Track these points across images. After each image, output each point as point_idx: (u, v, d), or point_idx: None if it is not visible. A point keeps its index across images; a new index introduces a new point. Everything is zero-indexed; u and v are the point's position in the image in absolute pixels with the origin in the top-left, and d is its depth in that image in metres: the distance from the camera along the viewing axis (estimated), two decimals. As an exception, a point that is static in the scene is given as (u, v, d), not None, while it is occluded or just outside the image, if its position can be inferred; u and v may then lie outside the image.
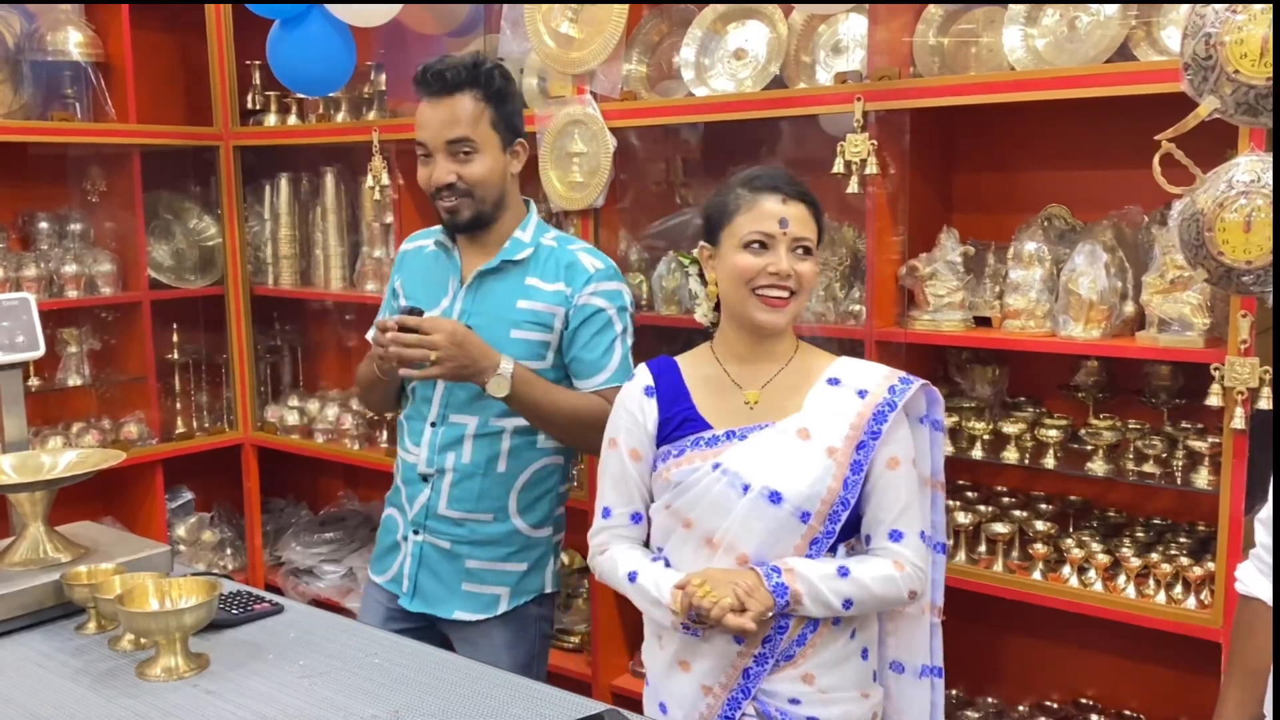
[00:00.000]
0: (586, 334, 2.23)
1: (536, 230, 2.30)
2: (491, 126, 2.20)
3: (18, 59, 3.52)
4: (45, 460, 2.27)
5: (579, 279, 2.24)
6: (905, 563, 1.82)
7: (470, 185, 2.19)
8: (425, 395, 2.29)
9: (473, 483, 2.26)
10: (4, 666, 1.90)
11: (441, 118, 2.18)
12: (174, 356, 3.85)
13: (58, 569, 2.11)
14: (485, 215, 2.23)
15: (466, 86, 2.17)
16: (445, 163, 2.19)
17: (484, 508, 2.27)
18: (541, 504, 2.33)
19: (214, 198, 3.99)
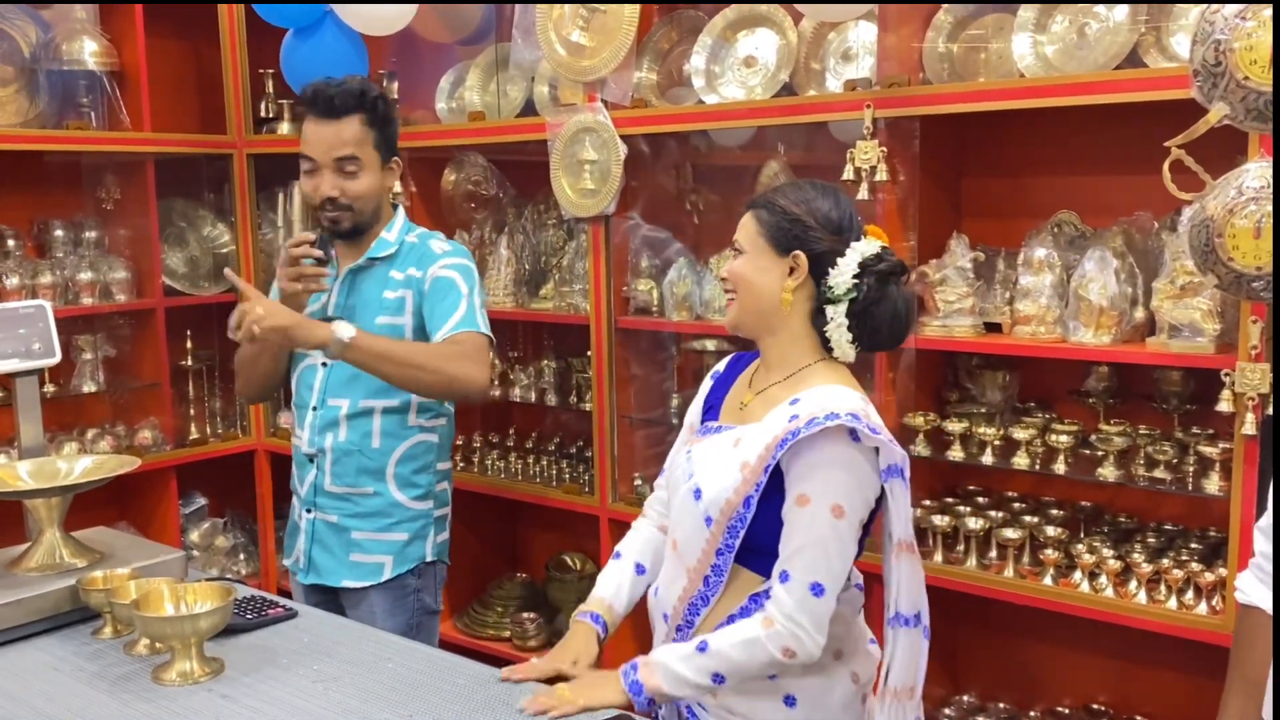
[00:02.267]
0: (435, 299, 2.44)
1: (402, 230, 2.53)
2: (374, 147, 2.43)
3: (33, 68, 3.55)
4: (61, 466, 2.29)
5: (428, 260, 2.47)
6: (775, 618, 1.67)
7: (352, 200, 2.42)
8: (308, 382, 2.52)
9: (351, 459, 2.47)
10: (21, 671, 1.92)
11: (331, 137, 2.39)
12: (188, 363, 3.87)
13: (74, 574, 2.13)
14: (364, 225, 2.47)
15: (355, 111, 2.39)
16: (331, 178, 2.40)
17: (363, 482, 2.48)
18: (419, 478, 2.52)
19: (227, 205, 4.01)
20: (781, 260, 1.79)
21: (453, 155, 3.50)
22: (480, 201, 3.59)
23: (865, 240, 1.80)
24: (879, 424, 1.72)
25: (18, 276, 3.44)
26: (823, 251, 1.77)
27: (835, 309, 1.77)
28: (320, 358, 2.47)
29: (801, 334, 1.81)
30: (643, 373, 3.06)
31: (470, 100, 3.35)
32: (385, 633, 2.16)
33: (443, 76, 3.48)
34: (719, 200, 3.11)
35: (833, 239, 1.78)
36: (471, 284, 2.46)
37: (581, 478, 3.22)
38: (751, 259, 1.81)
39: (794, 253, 1.78)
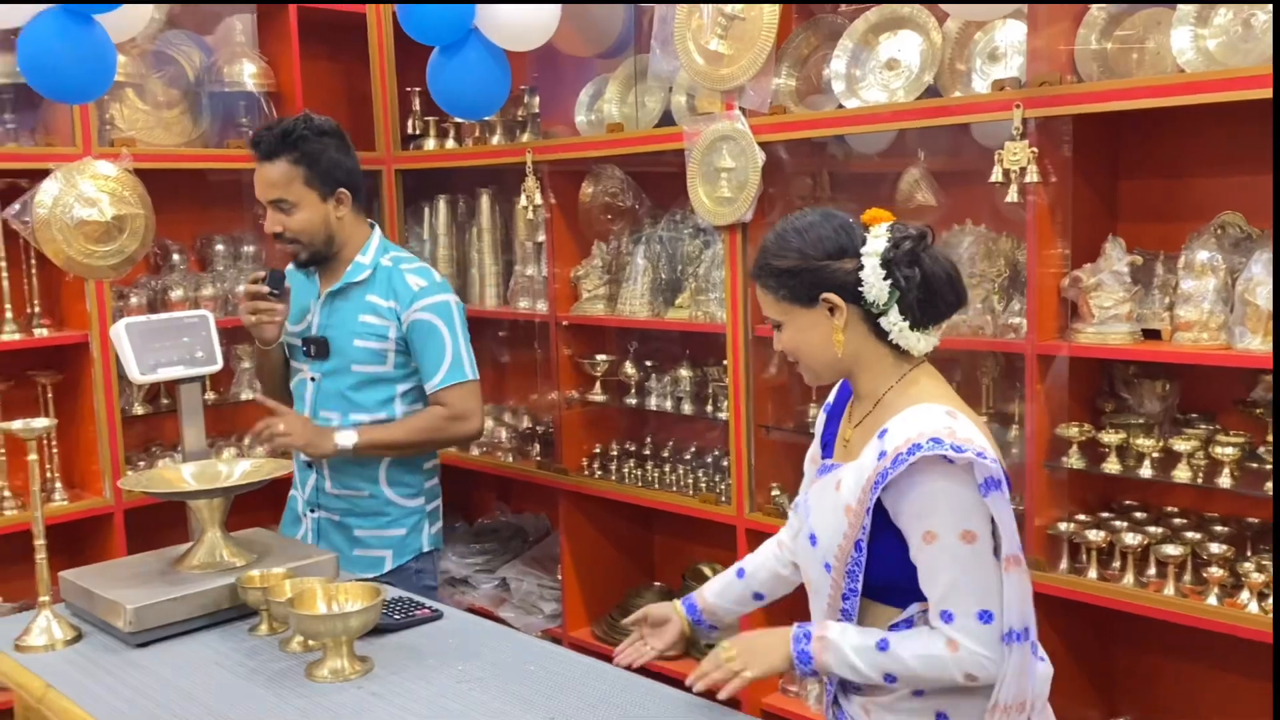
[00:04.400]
0: (419, 344, 2.61)
1: (377, 252, 2.67)
2: (305, 184, 2.57)
3: (197, 91, 3.74)
4: (222, 469, 2.39)
5: (405, 297, 2.61)
6: (960, 646, 1.60)
7: (295, 234, 2.59)
8: (301, 395, 2.71)
9: (347, 465, 2.66)
10: (184, 664, 2.01)
11: (264, 179, 2.58)
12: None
13: (233, 572, 2.21)
14: (321, 253, 2.62)
15: (279, 153, 2.55)
16: (273, 215, 2.59)
17: (359, 485, 2.68)
18: (410, 479, 2.71)
19: (376, 220, 4.13)
20: (815, 310, 1.72)
21: (590, 168, 3.54)
22: (617, 213, 3.62)
23: (871, 236, 1.70)
24: (968, 437, 1.60)
25: (182, 289, 3.62)
26: (844, 279, 1.69)
27: (889, 317, 1.69)
28: (310, 373, 2.68)
29: (874, 358, 1.73)
30: (780, 382, 3.03)
31: (609, 112, 3.39)
32: (529, 636, 2.19)
33: (582, 90, 3.52)
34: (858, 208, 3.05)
35: (843, 262, 1.69)
36: (453, 324, 2.62)
37: (718, 487, 3.21)
38: (791, 326, 1.75)
39: (822, 297, 1.70)
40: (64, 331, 3.36)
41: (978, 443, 1.61)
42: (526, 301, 3.74)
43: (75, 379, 3.40)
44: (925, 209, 2.85)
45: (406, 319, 2.60)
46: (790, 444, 2.97)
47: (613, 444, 3.60)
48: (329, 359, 2.64)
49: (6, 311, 3.29)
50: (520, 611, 3.77)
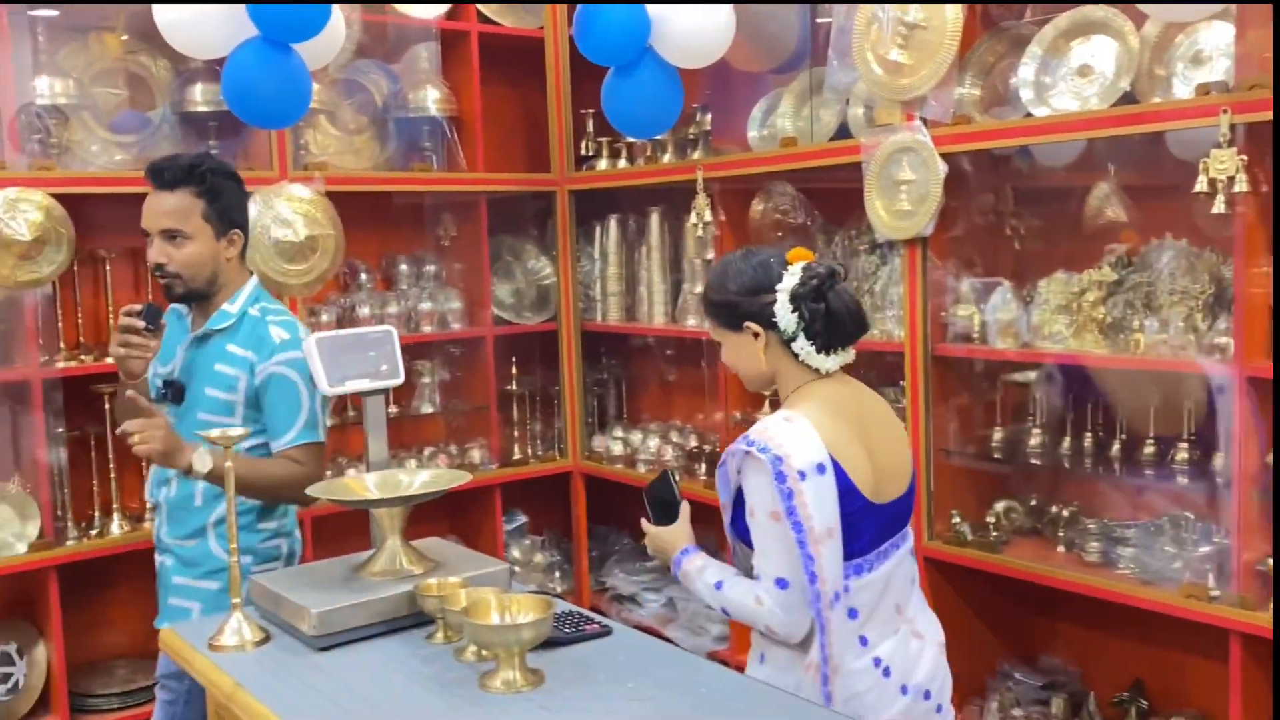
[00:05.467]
0: (272, 399, 2.52)
1: (246, 302, 2.58)
2: (204, 219, 2.50)
3: (384, 117, 3.90)
4: (402, 479, 2.44)
5: (265, 349, 2.52)
6: (764, 603, 2.01)
7: (179, 268, 2.49)
8: None
9: (180, 513, 2.60)
10: (364, 669, 2.05)
11: (159, 208, 2.48)
12: (512, 388, 4.09)
13: (411, 580, 2.25)
14: (198, 291, 2.54)
15: (183, 183, 2.47)
16: (160, 245, 2.48)
17: (187, 533, 2.59)
18: (239, 535, 2.50)
19: (549, 240, 4.23)
20: (743, 334, 2.09)
21: (761, 185, 3.51)
22: (788, 229, 3.57)
23: (787, 274, 2.04)
24: (777, 439, 1.96)
25: (369, 306, 3.77)
26: (759, 310, 2.05)
27: (798, 343, 2.04)
28: (167, 416, 2.54)
29: (789, 372, 2.10)
30: (962, 403, 2.91)
31: (782, 127, 3.35)
32: (698, 657, 2.15)
33: (755, 105, 3.49)
34: (1043, 224, 2.92)
35: (759, 297, 2.05)
36: (307, 380, 2.52)
37: (894, 511, 3.10)
38: (726, 346, 2.16)
39: (745, 325, 2.07)
40: (260, 346, 3.52)
41: (786, 445, 1.95)
42: (695, 320, 3.73)
43: (269, 391, 3.56)
44: (1115, 225, 2.70)
45: (262, 371, 2.52)
46: (972, 469, 2.86)
47: (783, 464, 3.53)
48: (182, 404, 2.55)
49: (208, 327, 3.48)
50: (687, 632, 3.74)
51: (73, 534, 3.24)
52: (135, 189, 3.23)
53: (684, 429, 3.98)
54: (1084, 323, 2.59)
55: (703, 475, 3.71)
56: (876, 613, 2.03)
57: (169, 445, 2.38)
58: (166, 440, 2.38)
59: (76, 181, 3.15)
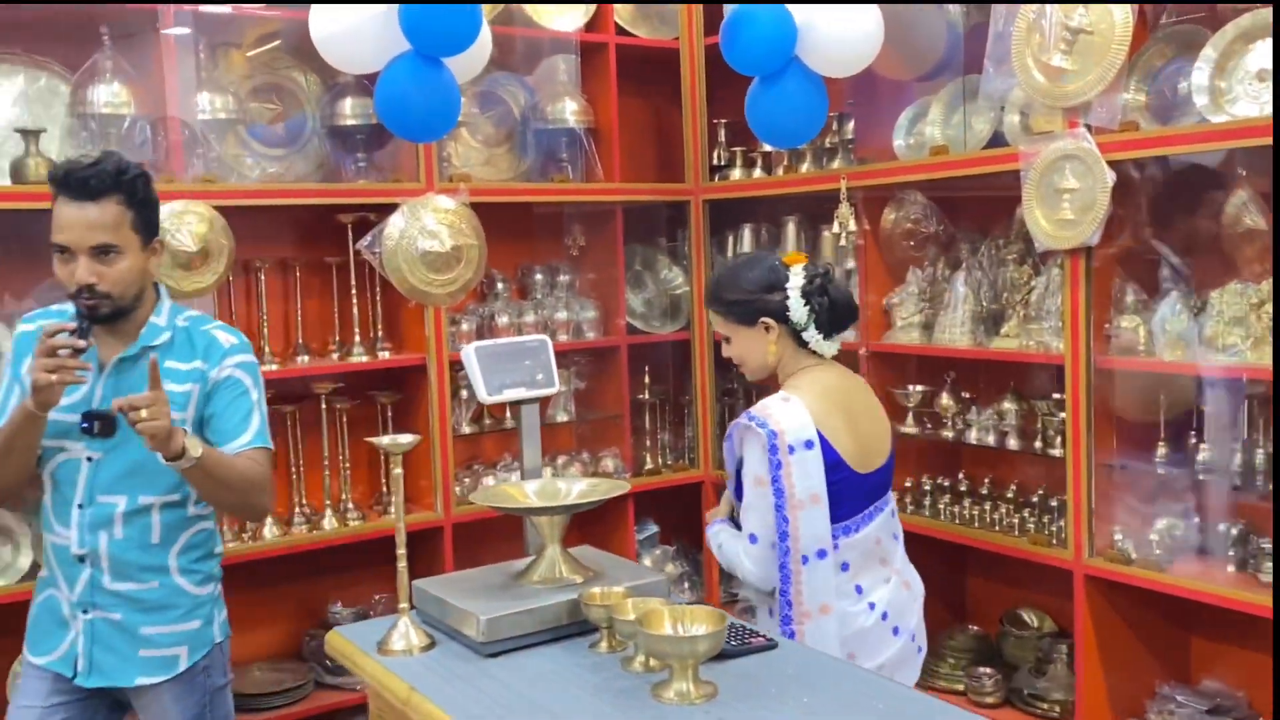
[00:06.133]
0: (224, 401, 2.35)
1: (171, 314, 2.38)
2: (133, 229, 2.26)
3: (523, 129, 3.94)
4: (561, 487, 2.46)
5: (216, 354, 2.36)
6: (743, 554, 2.40)
7: (111, 286, 2.23)
8: (69, 478, 2.31)
9: (130, 556, 2.31)
10: (534, 676, 2.06)
11: (86, 221, 2.20)
12: (645, 397, 4.09)
13: (572, 589, 2.27)
14: (125, 309, 2.29)
15: (111, 192, 2.22)
16: (89, 263, 2.21)
17: (147, 577, 2.34)
18: (201, 565, 2.42)
19: (681, 249, 4.23)
20: (755, 330, 2.45)
21: (893, 194, 3.46)
22: (921, 239, 3.52)
23: (792, 274, 2.43)
24: (775, 415, 2.32)
25: (507, 315, 3.81)
26: (772, 307, 2.42)
27: (809, 332, 2.42)
28: (85, 452, 2.28)
29: (791, 359, 2.47)
30: (1124, 416, 2.82)
31: (931, 135, 3.30)
32: (868, 673, 2.12)
33: (901, 113, 3.45)
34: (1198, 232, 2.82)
35: (772, 295, 2.42)
36: (260, 387, 2.40)
37: (1048, 528, 3.03)
38: (737, 341, 2.49)
39: (760, 320, 2.43)
40: (403, 354, 3.60)
41: (782, 421, 2.31)
42: (834, 330, 3.68)
43: (412, 399, 3.63)
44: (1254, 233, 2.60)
45: (215, 376, 2.34)
46: (1135, 484, 2.77)
47: (924, 478, 3.48)
48: (113, 435, 2.20)
49: (355, 335, 3.57)
50: (823, 646, 3.70)
51: (229, 538, 3.33)
52: (289, 201, 3.37)
53: (818, 440, 3.93)
54: (1262, 334, 2.49)
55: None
56: (866, 566, 2.40)
57: (168, 429, 2.13)
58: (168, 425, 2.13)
59: (236, 194, 3.25)
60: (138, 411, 2.08)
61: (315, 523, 3.48)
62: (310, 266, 3.58)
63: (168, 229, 3.03)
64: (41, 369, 2.10)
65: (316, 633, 3.63)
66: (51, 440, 2.28)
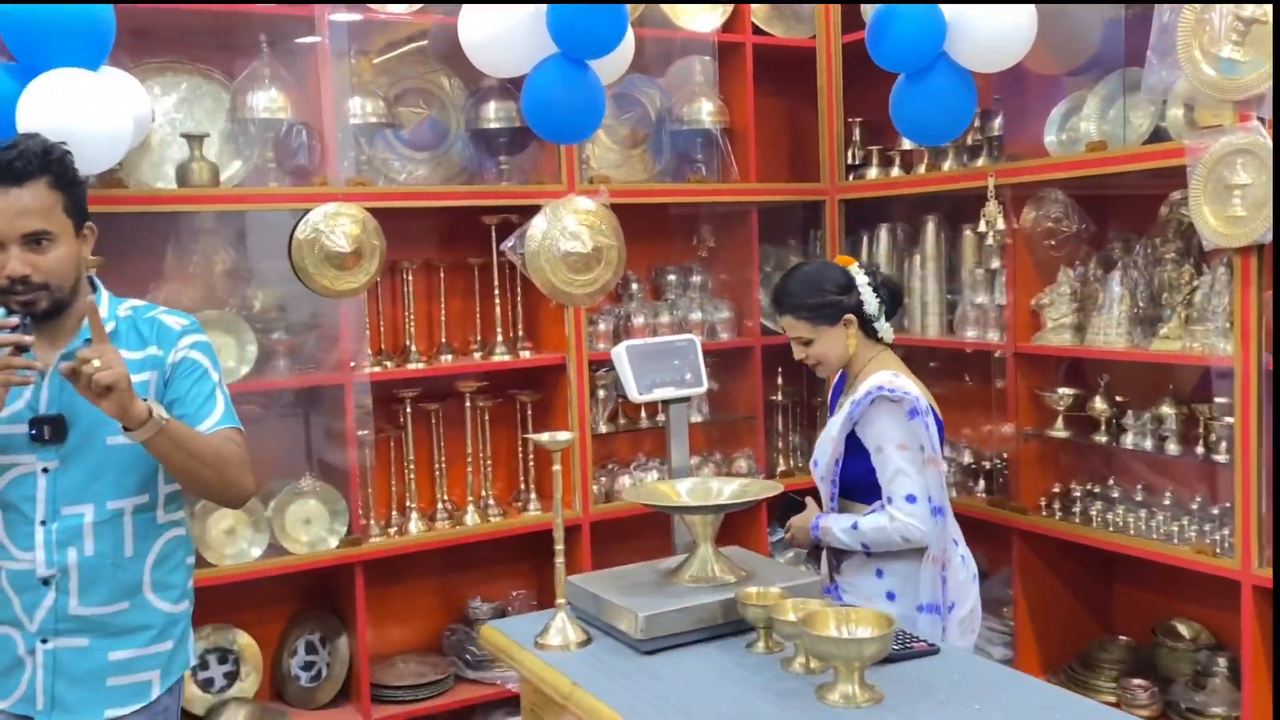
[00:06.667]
0: (186, 384, 2.16)
1: (111, 304, 2.18)
2: (65, 213, 2.05)
3: (657, 130, 3.96)
4: (713, 486, 2.46)
5: (169, 338, 2.17)
6: (895, 518, 2.59)
7: (48, 276, 2.03)
8: (26, 494, 2.08)
9: (102, 574, 2.10)
10: (694, 675, 2.07)
11: (14, 208, 1.99)
12: (778, 398, 4.07)
13: (725, 588, 2.26)
14: (63, 302, 2.08)
15: (39, 174, 2.01)
16: (21, 254, 2.00)
17: (118, 596, 2.12)
18: (174, 578, 2.21)
19: (811, 250, 4.19)
20: (837, 328, 2.73)
21: (1033, 193, 3.38)
22: (1061, 240, 3.42)
23: (856, 272, 2.75)
24: (903, 386, 2.62)
25: (642, 316, 3.83)
26: (852, 304, 2.72)
27: (880, 322, 2.75)
28: (39, 463, 2.06)
29: (862, 350, 2.75)
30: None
31: (1086, 131, 3.20)
32: (1039, 680, 2.07)
33: (1052, 109, 3.36)
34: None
35: (850, 294, 2.73)
36: (218, 367, 2.21)
37: (1210, 536, 2.91)
38: (821, 341, 2.74)
39: (844, 319, 2.72)
40: (543, 354, 3.64)
41: (910, 388, 2.62)
42: (974, 331, 3.61)
43: (550, 398, 3.67)
44: None
45: (172, 359, 2.15)
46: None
47: (1073, 483, 3.38)
48: (67, 439, 2.06)
49: (497, 335, 3.62)
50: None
51: (376, 531, 3.41)
52: (437, 203, 3.44)
53: (956, 444, 3.86)
54: None
55: (981, 493, 3.59)
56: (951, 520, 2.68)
57: (128, 379, 1.93)
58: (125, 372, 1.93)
59: (387, 196, 3.34)
60: (89, 365, 1.87)
61: (457, 518, 3.55)
62: (454, 267, 3.65)
63: (321, 229, 3.13)
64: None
65: (457, 627, 3.71)
66: (5, 458, 2.07)
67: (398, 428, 3.54)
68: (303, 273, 3.14)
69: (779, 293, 2.79)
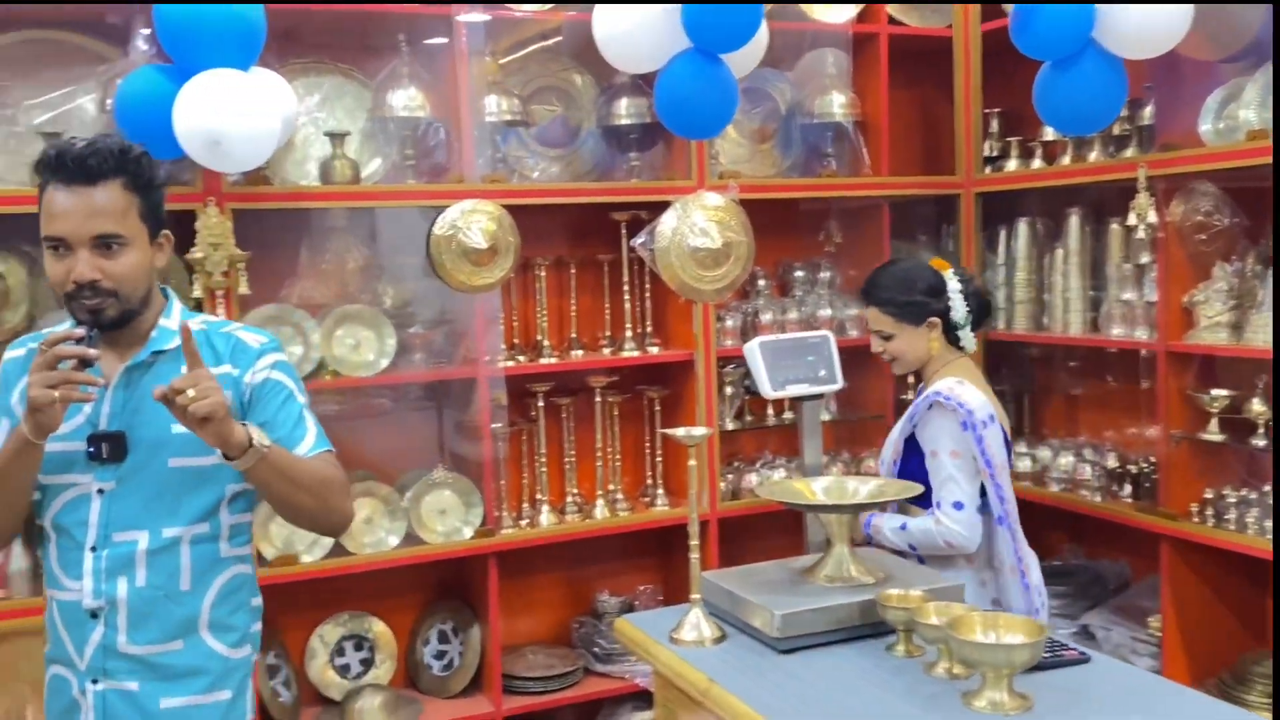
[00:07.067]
0: (272, 408, 2.01)
1: (182, 316, 2.05)
2: (140, 218, 1.94)
3: (786, 124, 3.91)
4: (849, 486, 2.42)
5: (247, 357, 2.03)
6: (941, 523, 2.62)
7: (117, 283, 1.91)
8: (80, 518, 1.94)
9: (155, 608, 1.94)
10: (833, 676, 2.03)
11: (85, 209, 1.88)
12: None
13: (862, 589, 2.22)
14: (131, 313, 1.96)
15: (113, 174, 1.90)
16: (90, 257, 1.88)
17: (172, 634, 1.95)
18: (237, 619, 2.04)
19: (943, 245, 4.09)
20: (920, 329, 2.76)
21: (1182, 185, 3.22)
22: (1211, 234, 3.25)
23: (949, 278, 2.77)
24: (962, 395, 2.63)
25: (770, 312, 3.79)
26: (939, 307, 2.75)
27: (964, 330, 2.77)
28: (94, 484, 1.93)
29: (944, 352, 2.79)
30: None
31: (1245, 119, 3.04)
32: (1197, 693, 1.97)
33: (1208, 96, 3.20)
34: None
35: (939, 298, 2.75)
36: (302, 388, 2.07)
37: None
38: (901, 338, 2.77)
39: (928, 320, 2.75)
40: (671, 350, 3.64)
41: (969, 399, 2.63)
42: (1121, 329, 3.47)
43: (679, 394, 3.67)
44: None
45: (250, 381, 2.00)
46: None
47: (1226, 488, 3.22)
48: (126, 459, 1.93)
49: (626, 331, 3.63)
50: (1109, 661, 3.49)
51: (508, 523, 3.45)
52: (570, 200, 3.46)
53: (1099, 446, 3.72)
54: None
55: (1127, 498, 3.45)
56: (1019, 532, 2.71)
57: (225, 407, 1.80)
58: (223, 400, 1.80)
59: (522, 193, 3.38)
60: (184, 395, 1.75)
61: (587, 512, 3.57)
62: (584, 263, 3.68)
63: (459, 226, 3.18)
64: (41, 384, 1.77)
65: (585, 620, 3.73)
66: (51, 477, 1.95)
67: (529, 421, 3.58)
68: (440, 268, 3.19)
69: (869, 284, 2.82)
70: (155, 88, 2.62)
